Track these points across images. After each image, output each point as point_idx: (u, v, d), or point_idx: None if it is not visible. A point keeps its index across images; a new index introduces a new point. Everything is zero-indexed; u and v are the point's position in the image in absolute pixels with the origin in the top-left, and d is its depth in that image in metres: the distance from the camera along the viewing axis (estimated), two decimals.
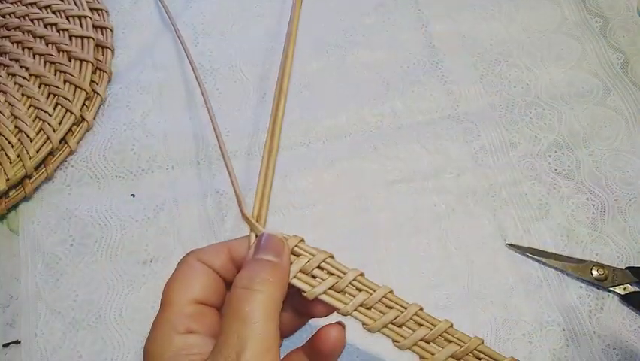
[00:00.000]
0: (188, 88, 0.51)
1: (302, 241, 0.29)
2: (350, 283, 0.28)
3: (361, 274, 0.28)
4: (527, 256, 0.44)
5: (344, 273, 0.28)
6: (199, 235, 0.45)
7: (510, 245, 0.44)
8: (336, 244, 0.44)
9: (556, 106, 0.49)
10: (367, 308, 0.28)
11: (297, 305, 0.30)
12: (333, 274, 0.28)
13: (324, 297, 0.28)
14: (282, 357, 0.29)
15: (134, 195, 0.47)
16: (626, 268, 0.42)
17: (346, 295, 0.28)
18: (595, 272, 0.42)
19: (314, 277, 0.28)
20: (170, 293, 0.28)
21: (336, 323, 0.29)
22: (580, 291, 0.43)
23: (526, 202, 0.46)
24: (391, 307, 0.28)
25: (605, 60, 0.51)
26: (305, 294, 0.28)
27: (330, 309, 0.28)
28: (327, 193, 0.46)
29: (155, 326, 0.27)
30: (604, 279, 0.42)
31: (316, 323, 0.30)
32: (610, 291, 0.42)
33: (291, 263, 0.28)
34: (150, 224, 0.45)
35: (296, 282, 0.28)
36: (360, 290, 0.28)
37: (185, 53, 0.34)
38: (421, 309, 0.28)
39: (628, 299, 0.42)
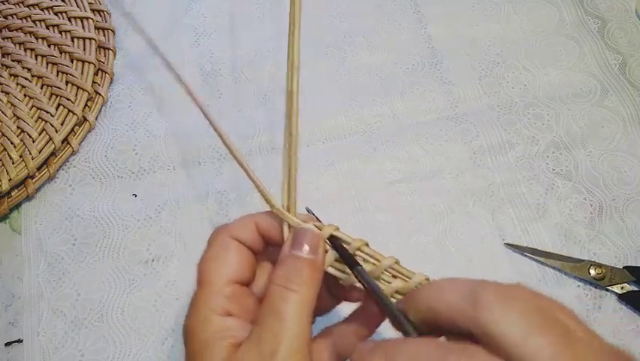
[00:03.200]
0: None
1: (337, 229, 0.29)
2: (385, 270, 0.28)
3: (397, 262, 0.29)
4: (525, 256, 0.44)
5: (379, 260, 0.29)
6: (200, 235, 0.45)
7: (508, 245, 0.44)
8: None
9: (554, 107, 0.50)
10: (403, 295, 0.28)
11: (332, 288, 0.30)
12: (368, 261, 0.29)
13: (358, 285, 0.28)
14: (319, 333, 0.30)
15: (135, 195, 0.47)
16: (624, 267, 0.43)
17: (382, 281, 0.28)
18: (592, 272, 0.42)
19: None
20: (208, 272, 0.29)
21: None
22: (577, 290, 0.43)
23: (524, 202, 0.46)
24: None
25: (602, 61, 0.52)
26: (341, 282, 0.29)
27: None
28: (327, 193, 0.47)
29: (194, 304, 0.28)
30: (601, 278, 0.42)
31: None
32: (607, 290, 0.43)
33: (326, 252, 0.29)
34: (152, 224, 0.46)
35: (332, 270, 0.29)
36: (395, 277, 0.28)
37: (193, 99, 0.33)
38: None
39: (625, 298, 0.42)
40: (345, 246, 0.29)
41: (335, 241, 0.29)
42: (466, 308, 0.23)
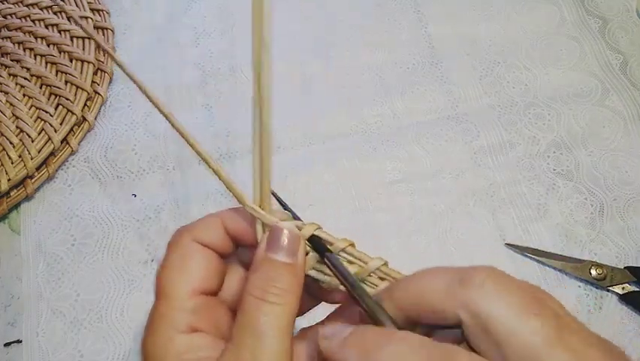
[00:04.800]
0: (189, 89, 0.51)
1: (319, 228, 0.26)
2: (372, 272, 0.26)
3: (385, 264, 0.26)
4: (526, 256, 0.44)
5: (366, 262, 0.26)
6: None
7: (509, 245, 0.44)
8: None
9: (555, 107, 0.50)
10: None
11: (311, 288, 0.27)
12: (354, 263, 0.26)
13: (342, 288, 0.26)
14: (295, 335, 0.27)
15: (135, 195, 0.47)
16: (625, 267, 0.43)
17: (369, 284, 0.26)
18: (593, 272, 0.42)
19: None
20: (168, 284, 0.25)
21: None
22: (578, 291, 0.43)
23: (525, 202, 0.46)
24: None
25: (603, 61, 0.52)
26: (323, 285, 0.26)
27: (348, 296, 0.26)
28: (327, 193, 0.47)
29: (153, 322, 0.25)
30: (602, 279, 0.42)
31: None
32: (608, 291, 0.42)
33: (307, 254, 0.26)
34: (151, 224, 0.46)
35: (313, 273, 0.26)
36: (383, 280, 0.26)
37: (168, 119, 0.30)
38: None
39: (626, 299, 0.42)
40: (328, 247, 0.26)
41: (315, 241, 0.26)
42: (455, 291, 0.22)
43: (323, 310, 0.28)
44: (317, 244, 0.26)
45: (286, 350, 0.23)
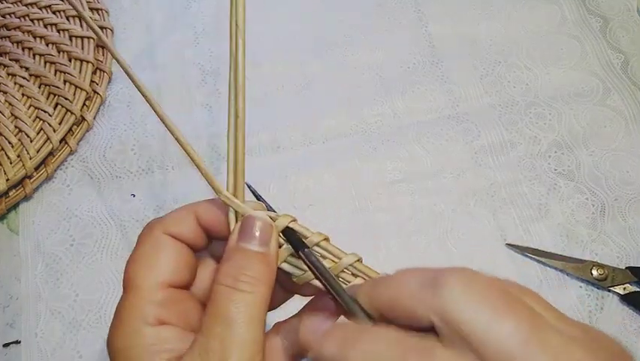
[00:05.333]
0: (188, 88, 0.51)
1: (294, 220, 0.26)
2: (345, 268, 0.26)
3: (359, 260, 0.26)
4: (527, 256, 0.44)
5: (339, 258, 0.26)
6: None
7: (510, 245, 0.44)
8: (336, 244, 0.44)
9: (556, 106, 0.49)
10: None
11: (284, 281, 0.27)
12: (327, 258, 0.26)
13: (315, 282, 0.25)
14: (269, 330, 0.27)
15: (134, 195, 0.47)
16: (626, 267, 0.42)
17: (342, 280, 0.26)
18: (595, 272, 0.42)
19: None
20: (136, 275, 0.25)
21: None
22: (580, 291, 0.43)
23: (526, 202, 0.46)
24: None
25: (604, 60, 0.51)
26: (294, 279, 0.26)
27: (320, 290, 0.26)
28: (327, 193, 0.46)
29: (120, 315, 0.24)
30: (604, 279, 0.42)
31: None
32: (610, 291, 0.42)
33: (280, 246, 0.26)
34: None
35: (285, 266, 0.26)
36: (356, 276, 0.26)
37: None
38: None
39: (628, 299, 0.42)
40: (303, 240, 0.25)
41: (290, 234, 0.26)
42: (426, 295, 0.21)
43: (296, 303, 0.28)
44: (292, 238, 0.25)
45: (256, 339, 0.23)
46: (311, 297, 0.28)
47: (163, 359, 0.23)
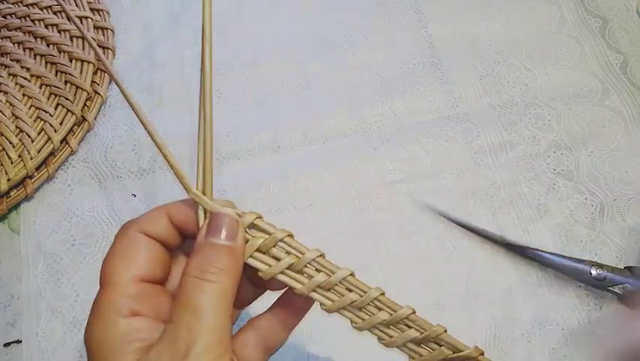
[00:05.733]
0: (189, 88, 0.51)
1: (259, 217, 0.27)
2: (308, 263, 0.27)
3: (321, 255, 0.28)
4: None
5: (302, 253, 0.27)
6: None
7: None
8: (336, 244, 0.44)
9: (555, 107, 0.50)
10: (326, 290, 0.27)
11: (253, 278, 0.28)
12: (291, 253, 0.27)
13: (280, 277, 0.27)
14: (243, 326, 0.29)
15: (134, 195, 0.47)
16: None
17: (305, 275, 0.27)
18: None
19: (272, 256, 0.27)
20: (111, 271, 0.26)
21: None
22: (579, 291, 0.43)
23: (525, 202, 0.46)
24: (351, 290, 0.28)
25: (604, 61, 0.52)
26: (260, 274, 0.27)
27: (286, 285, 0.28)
28: (327, 193, 0.47)
29: (96, 309, 0.25)
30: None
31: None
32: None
33: (247, 241, 0.27)
34: None
35: (252, 262, 0.27)
36: (319, 271, 0.27)
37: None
38: (382, 294, 0.28)
39: (627, 299, 0.42)
40: (267, 237, 0.27)
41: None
42: None
43: (269, 300, 0.29)
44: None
45: (222, 327, 0.24)
46: (281, 291, 0.29)
47: (135, 348, 0.24)
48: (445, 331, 0.28)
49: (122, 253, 0.26)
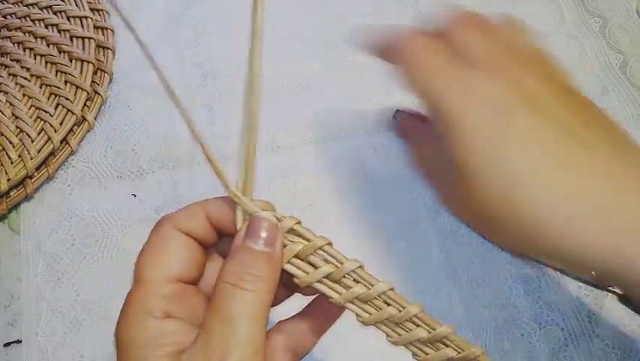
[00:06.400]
0: (188, 88, 0.51)
1: (298, 222, 0.26)
2: (347, 274, 0.26)
3: (360, 267, 0.26)
4: (526, 256, 0.44)
5: (342, 263, 0.26)
6: None
7: None
8: (335, 244, 0.44)
9: None
10: (363, 302, 0.26)
11: (285, 280, 0.27)
12: (329, 262, 0.26)
13: (317, 285, 0.26)
14: (272, 327, 0.27)
15: (135, 195, 0.47)
16: None
17: (342, 285, 0.26)
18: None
19: (309, 262, 0.26)
20: (145, 269, 0.25)
21: None
22: (579, 290, 0.43)
23: None
24: (389, 304, 0.27)
25: (603, 60, 0.52)
26: (297, 281, 0.26)
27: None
28: (327, 193, 0.47)
29: (128, 307, 0.24)
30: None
31: None
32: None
33: (285, 246, 0.26)
34: (151, 224, 0.45)
35: (288, 267, 0.26)
36: (357, 282, 0.26)
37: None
38: (422, 311, 0.27)
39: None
40: (305, 243, 0.26)
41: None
42: None
43: (301, 301, 0.29)
44: None
45: (256, 337, 0.23)
46: (313, 296, 0.28)
47: (167, 351, 0.23)
48: None
49: (155, 250, 0.25)
